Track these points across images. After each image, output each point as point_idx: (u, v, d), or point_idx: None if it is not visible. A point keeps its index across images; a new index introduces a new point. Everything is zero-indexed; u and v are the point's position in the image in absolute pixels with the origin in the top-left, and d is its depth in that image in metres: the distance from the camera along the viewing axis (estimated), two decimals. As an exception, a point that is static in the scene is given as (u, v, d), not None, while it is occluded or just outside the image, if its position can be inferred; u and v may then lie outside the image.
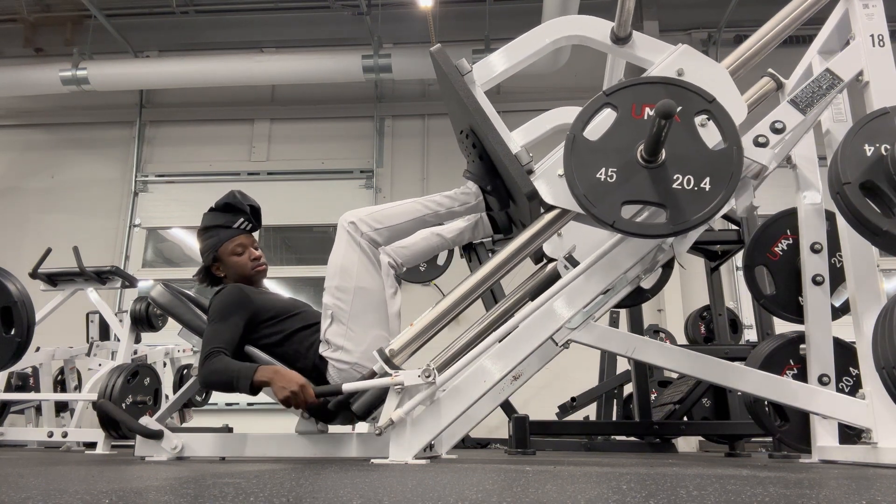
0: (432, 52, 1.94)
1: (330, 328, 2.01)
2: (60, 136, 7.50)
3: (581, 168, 1.65)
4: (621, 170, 1.64)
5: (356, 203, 6.94)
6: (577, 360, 3.86)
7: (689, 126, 1.65)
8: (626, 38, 1.94)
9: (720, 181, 1.61)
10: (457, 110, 2.05)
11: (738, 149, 1.62)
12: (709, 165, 1.62)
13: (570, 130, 1.69)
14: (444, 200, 2.05)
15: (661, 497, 0.85)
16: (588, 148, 1.66)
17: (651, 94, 1.67)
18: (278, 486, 0.98)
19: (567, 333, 1.90)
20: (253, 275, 2.28)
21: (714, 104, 1.65)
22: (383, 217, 2.03)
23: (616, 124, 1.67)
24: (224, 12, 7.40)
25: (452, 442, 2.47)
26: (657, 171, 1.62)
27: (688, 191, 1.61)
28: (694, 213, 1.60)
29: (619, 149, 1.65)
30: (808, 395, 1.93)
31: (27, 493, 0.87)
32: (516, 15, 6.73)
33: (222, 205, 2.30)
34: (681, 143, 1.63)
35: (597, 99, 1.70)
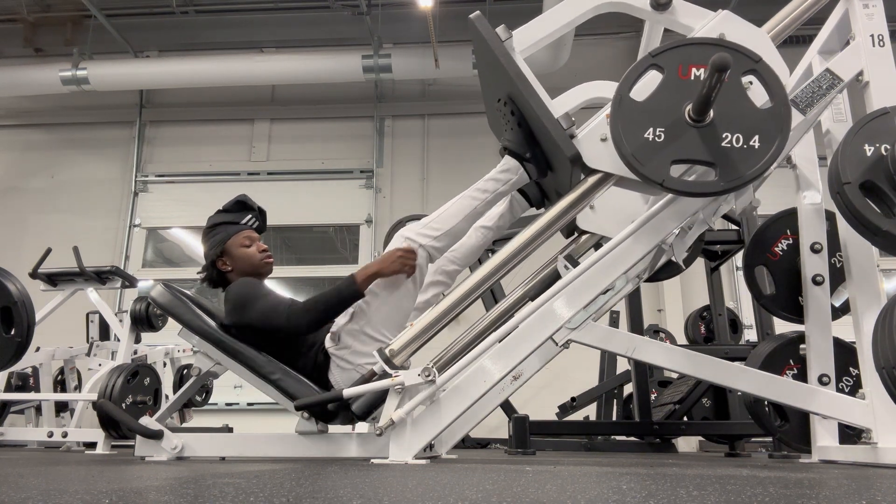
0: (472, 19, 1.95)
1: (347, 324, 2.00)
2: (60, 136, 7.49)
3: (628, 128, 1.66)
4: (669, 129, 1.65)
5: (356, 203, 6.94)
6: (577, 360, 3.86)
7: (737, 85, 1.65)
8: (667, 3, 1.94)
9: (770, 138, 1.62)
10: (492, 79, 2.05)
11: (785, 107, 1.64)
12: (757, 123, 1.63)
13: (617, 91, 1.69)
14: (488, 185, 2.05)
15: (661, 497, 0.85)
16: (635, 108, 1.68)
17: (697, 55, 1.68)
18: (278, 486, 0.98)
19: (567, 333, 1.90)
20: (261, 266, 2.28)
21: (760, 64, 1.66)
22: (439, 223, 2.02)
23: (663, 85, 1.68)
24: (224, 12, 7.39)
25: (452, 442, 2.47)
26: (706, 130, 1.64)
27: (737, 149, 1.63)
28: (746, 169, 1.62)
29: (667, 109, 1.66)
30: (808, 395, 1.93)
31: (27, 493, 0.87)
32: (516, 15, 6.70)
33: (232, 203, 2.33)
34: (728, 103, 1.64)
35: (643, 60, 1.71)
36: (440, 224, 2.02)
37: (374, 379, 1.81)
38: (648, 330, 4.96)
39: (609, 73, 2.25)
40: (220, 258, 2.25)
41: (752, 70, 1.67)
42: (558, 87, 1.97)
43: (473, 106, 6.68)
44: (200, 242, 2.34)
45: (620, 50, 6.86)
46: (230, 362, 2.13)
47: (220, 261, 2.26)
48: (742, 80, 1.67)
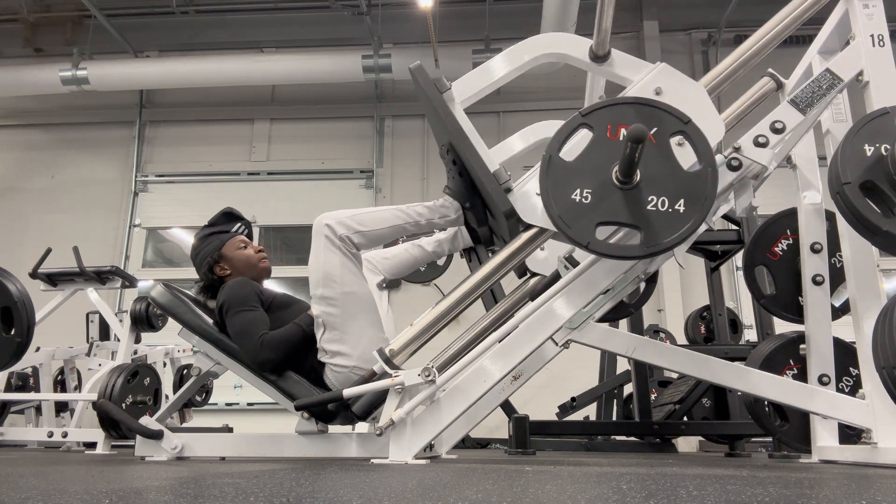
0: (411, 70, 1.94)
1: (324, 336, 2.00)
2: (60, 136, 7.49)
3: (557, 188, 1.64)
4: (596, 191, 1.62)
5: (356, 203, 6.94)
6: (577, 360, 3.86)
7: (664, 147, 1.63)
8: (605, 56, 1.94)
9: (695, 203, 1.59)
10: (437, 126, 2.05)
11: (712, 170, 1.60)
12: (683, 187, 1.60)
13: (546, 151, 1.67)
14: (424, 211, 2.04)
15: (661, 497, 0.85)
16: (564, 168, 1.65)
17: (626, 115, 1.65)
18: (278, 486, 0.98)
19: (567, 333, 1.90)
20: (259, 266, 2.30)
21: (689, 125, 1.64)
22: (363, 220, 2.01)
23: (592, 145, 1.66)
24: (224, 12, 7.40)
25: (452, 442, 2.47)
26: (632, 193, 1.61)
27: (662, 212, 1.59)
28: (667, 235, 1.58)
29: (595, 169, 1.63)
30: (808, 395, 1.93)
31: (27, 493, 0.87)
32: (516, 15, 6.73)
33: (219, 215, 2.36)
34: (656, 165, 1.61)
35: (573, 119, 1.68)
36: (364, 221, 2.01)
37: (374, 379, 1.81)
38: (648, 330, 4.95)
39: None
40: (218, 264, 2.27)
41: (681, 131, 1.64)
42: (557, 86, 1.99)
43: (473, 106, 6.68)
44: (190, 259, 2.35)
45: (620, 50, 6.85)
46: (230, 362, 2.13)
47: (218, 266, 2.27)
48: (671, 140, 1.64)
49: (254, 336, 2.02)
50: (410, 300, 6.16)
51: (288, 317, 2.14)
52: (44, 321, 3.39)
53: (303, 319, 2.08)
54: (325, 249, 1.98)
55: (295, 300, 2.30)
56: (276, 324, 2.10)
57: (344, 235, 1.97)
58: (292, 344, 2.03)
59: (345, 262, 1.97)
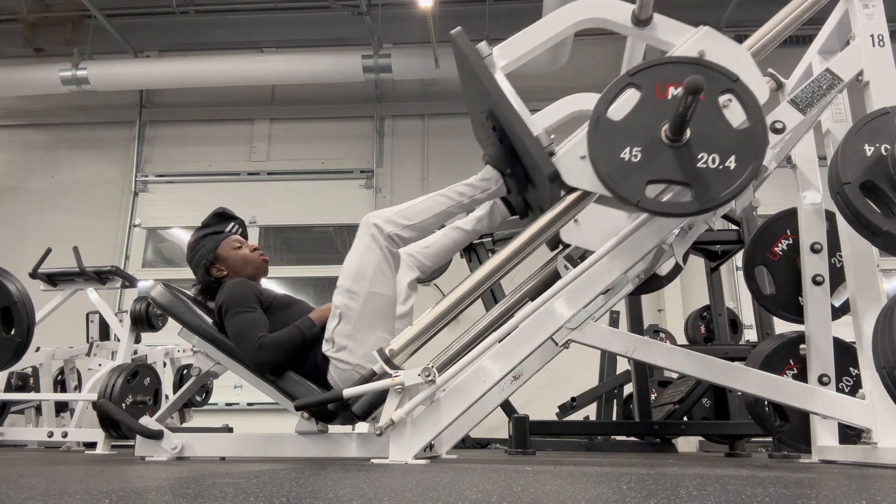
0: (453, 35, 1.93)
1: (337, 327, 2.00)
2: (60, 136, 7.49)
3: (605, 148, 1.66)
4: (646, 149, 1.64)
5: (356, 203, 6.94)
6: (577, 360, 3.86)
7: (713, 105, 1.65)
8: (647, 20, 1.92)
9: (745, 159, 1.61)
10: (475, 94, 2.04)
11: (762, 127, 1.63)
12: (734, 144, 1.62)
13: (594, 110, 1.69)
14: (465, 189, 2.03)
15: (661, 497, 0.85)
16: (612, 128, 1.67)
17: (675, 74, 1.68)
18: (278, 486, 0.98)
19: (567, 333, 1.90)
20: (257, 264, 2.29)
21: (738, 83, 1.66)
22: (410, 214, 2.01)
23: (640, 104, 1.68)
24: (224, 12, 7.39)
25: (452, 442, 2.47)
26: (682, 150, 1.63)
27: (713, 169, 1.62)
28: (720, 190, 1.61)
29: (643, 128, 1.65)
30: (808, 395, 1.93)
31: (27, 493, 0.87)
32: (516, 15, 6.72)
33: (212, 216, 2.36)
34: (705, 122, 1.64)
35: (620, 79, 1.70)
36: (410, 215, 2.01)
37: (374, 379, 1.81)
38: (648, 330, 4.95)
39: (609, 72, 2.26)
40: (214, 265, 2.27)
41: (730, 89, 1.66)
42: (558, 87, 1.98)
43: (473, 106, 6.69)
44: (186, 261, 2.35)
45: (621, 50, 6.82)
46: (230, 362, 2.13)
47: (215, 267, 2.27)
48: (719, 99, 1.66)
49: (252, 338, 2.02)
50: (410, 300, 6.16)
51: (288, 317, 2.13)
52: (44, 321, 3.39)
53: (303, 322, 2.08)
54: (367, 247, 1.99)
55: (295, 300, 2.30)
56: (275, 325, 2.10)
57: (392, 233, 1.98)
58: (291, 347, 2.04)
59: (381, 263, 1.98)
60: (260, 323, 2.07)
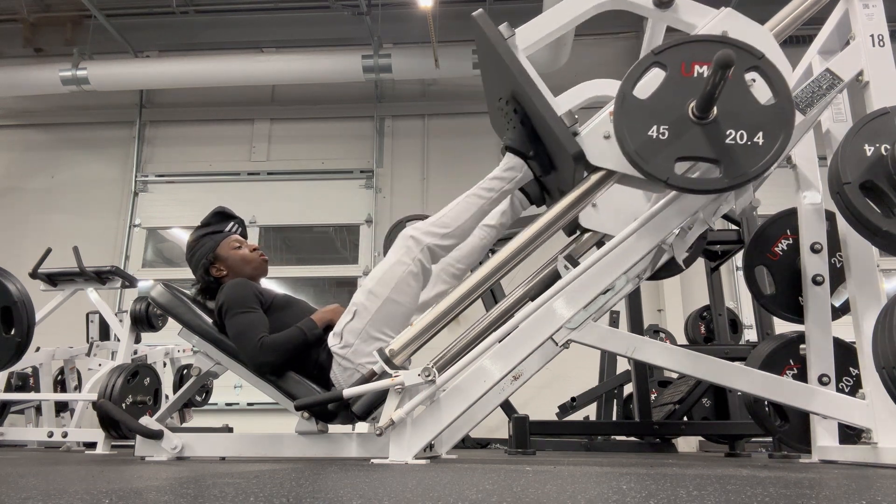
0: (475, 17, 1.95)
1: (349, 323, 2.00)
2: (60, 136, 7.49)
3: (632, 125, 1.66)
4: (673, 126, 1.65)
5: (356, 203, 6.94)
6: (577, 360, 3.86)
7: (740, 82, 1.66)
8: (670, 1, 1.93)
9: (773, 135, 1.62)
10: (495, 77, 2.05)
11: (789, 103, 1.64)
12: (761, 120, 1.63)
13: (620, 89, 1.69)
14: (493, 183, 2.04)
15: (661, 497, 0.85)
16: (638, 106, 1.68)
17: (701, 52, 1.68)
18: (278, 486, 0.98)
19: (567, 333, 1.90)
20: (256, 264, 2.29)
21: (763, 60, 1.66)
22: (446, 221, 2.01)
23: (666, 82, 1.68)
24: (224, 12, 7.39)
25: (452, 442, 2.47)
26: (710, 127, 1.64)
27: (741, 145, 1.63)
28: (750, 165, 1.62)
29: (670, 106, 1.66)
30: (808, 395, 1.93)
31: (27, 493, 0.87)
32: (516, 15, 6.70)
33: (211, 215, 2.36)
34: (732, 100, 1.64)
35: (645, 58, 1.71)
36: (447, 222, 2.01)
37: (374, 379, 1.81)
38: (648, 330, 4.96)
39: (609, 72, 2.25)
40: (213, 265, 2.27)
41: (755, 67, 1.67)
42: (559, 86, 1.97)
43: (473, 106, 6.68)
44: (185, 260, 2.35)
45: (621, 50, 6.86)
46: (230, 362, 2.13)
47: (214, 267, 2.27)
48: (745, 77, 1.67)
49: (253, 338, 2.02)
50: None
51: (288, 317, 2.13)
52: (44, 321, 3.39)
53: (305, 324, 2.08)
54: (399, 258, 1.99)
55: (295, 300, 2.30)
56: (275, 325, 2.10)
57: (431, 244, 1.99)
58: (292, 348, 2.03)
59: (408, 276, 1.97)
60: (260, 323, 2.07)
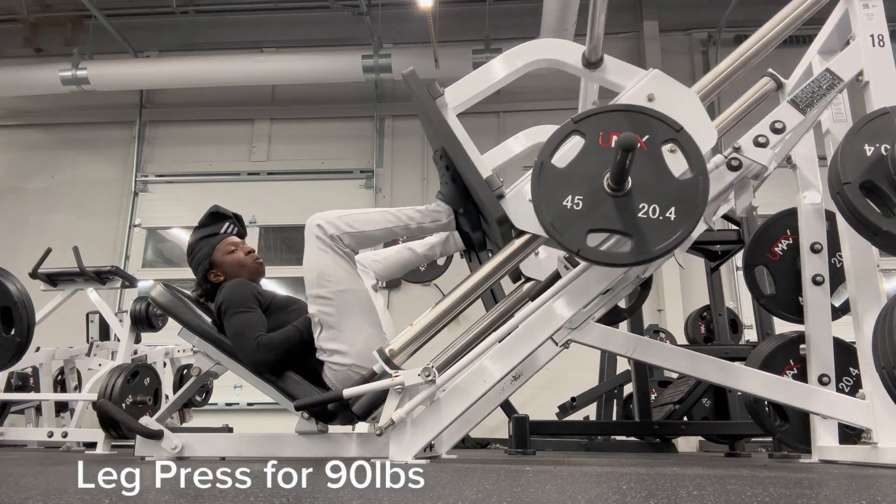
0: (405, 75, 1.93)
1: (321, 336, 2.00)
2: (60, 136, 7.49)
3: (548, 195, 1.63)
4: (588, 197, 1.62)
5: (356, 203, 6.93)
6: (577, 360, 3.86)
7: (656, 154, 1.63)
8: (598, 62, 1.94)
9: (686, 211, 1.58)
10: (431, 131, 2.05)
11: (704, 178, 1.60)
12: (675, 195, 1.60)
13: (538, 157, 1.67)
14: (415, 215, 2.03)
15: (661, 497, 0.85)
16: (555, 175, 1.65)
17: (618, 123, 1.65)
18: (278, 486, 0.98)
19: (567, 333, 1.90)
20: (252, 268, 2.29)
21: (681, 133, 1.63)
22: (354, 221, 2.00)
23: (583, 152, 1.66)
24: (224, 12, 7.39)
25: (452, 442, 2.47)
26: (623, 200, 1.61)
27: (653, 220, 1.59)
28: (658, 243, 1.58)
29: (586, 176, 1.63)
30: (808, 395, 1.93)
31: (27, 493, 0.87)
32: (516, 15, 6.73)
33: (206, 216, 2.36)
34: (647, 172, 1.61)
35: (565, 126, 1.68)
36: (354, 222, 2.00)
37: (374, 379, 1.81)
38: (648, 330, 4.95)
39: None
40: (211, 270, 2.28)
41: (673, 139, 1.64)
42: (558, 86, 1.99)
43: (473, 106, 6.68)
44: (188, 264, 2.35)
45: (620, 50, 6.86)
46: (230, 362, 2.13)
47: (212, 273, 2.28)
48: (663, 148, 1.64)
49: (250, 338, 2.02)
50: (410, 300, 6.16)
51: (287, 318, 2.13)
52: (44, 321, 3.39)
53: (302, 323, 2.08)
54: (317, 249, 1.98)
55: (295, 301, 2.30)
56: (274, 325, 2.10)
57: (335, 234, 1.98)
58: (289, 347, 2.03)
59: (337, 260, 1.97)
60: (258, 323, 2.07)
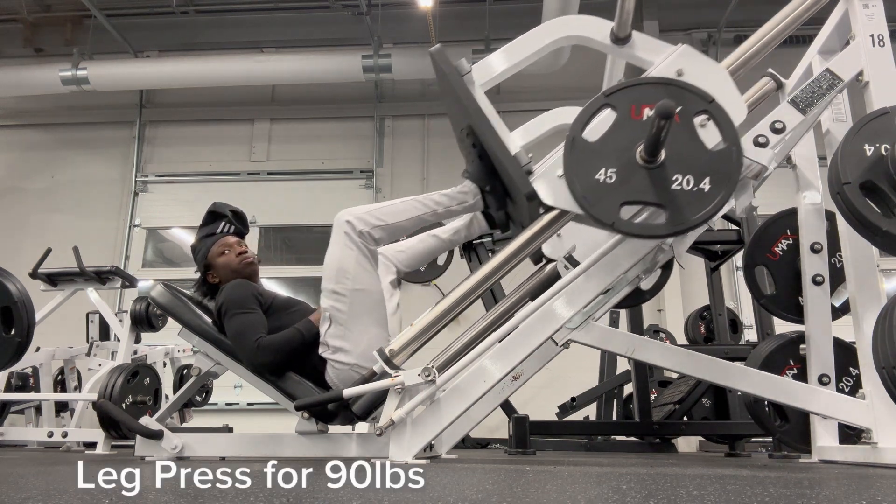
0: (432, 53, 1.93)
1: (329, 331, 2.00)
2: (60, 136, 7.49)
3: (580, 169, 1.65)
4: (621, 170, 1.63)
5: (356, 203, 6.91)
6: (577, 360, 3.85)
7: (689, 126, 1.64)
8: (626, 38, 1.92)
9: (720, 182, 1.60)
10: (456, 110, 2.04)
11: (737, 149, 1.62)
12: (708, 166, 1.61)
13: (570, 132, 1.68)
14: (442, 199, 2.03)
15: (661, 497, 0.85)
16: (587, 149, 1.66)
17: (650, 95, 1.66)
18: (278, 486, 0.98)
19: (567, 333, 1.90)
20: (241, 269, 2.28)
21: (713, 104, 1.65)
22: (382, 214, 2.01)
23: (615, 125, 1.67)
24: (224, 12, 7.39)
25: (452, 442, 2.47)
26: (656, 172, 1.62)
27: (687, 191, 1.60)
28: (693, 213, 1.60)
29: (619, 149, 1.64)
30: (808, 395, 1.93)
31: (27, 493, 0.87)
32: (516, 15, 6.72)
33: (206, 215, 2.36)
34: (680, 144, 1.62)
35: (596, 100, 1.69)
36: (383, 216, 2.00)
37: (374, 379, 1.81)
38: (648, 330, 4.95)
39: (609, 73, 2.26)
40: (208, 272, 2.30)
41: (705, 111, 1.64)
42: (558, 86, 1.98)
43: (473, 106, 6.68)
44: None
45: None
46: (230, 362, 2.13)
47: (209, 275, 2.30)
48: (695, 120, 1.64)
49: (251, 339, 2.02)
50: (410, 300, 6.15)
51: (288, 319, 2.13)
52: (44, 321, 3.39)
53: (303, 325, 2.07)
54: (342, 245, 1.99)
55: (296, 302, 2.30)
56: (275, 326, 2.10)
57: (364, 231, 1.98)
58: (290, 349, 2.03)
59: (360, 259, 1.98)
60: (259, 324, 2.07)
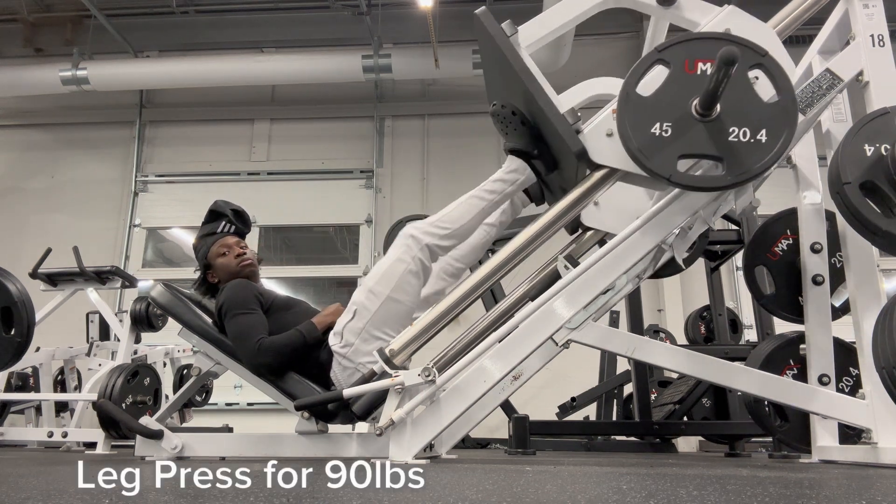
0: (477, 14, 1.95)
1: (350, 323, 2.00)
2: (60, 136, 7.49)
3: (635, 123, 1.66)
4: (676, 124, 1.65)
5: (356, 203, 6.94)
6: (577, 360, 3.85)
7: (743, 80, 1.66)
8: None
9: (777, 132, 1.62)
10: (497, 77, 2.05)
11: (792, 100, 1.64)
12: (764, 117, 1.64)
13: (623, 87, 1.70)
14: (496, 186, 2.05)
15: (661, 497, 0.85)
16: (641, 103, 1.68)
17: (704, 50, 1.68)
18: (278, 486, 0.98)
19: (567, 333, 1.90)
20: (240, 270, 2.28)
21: (767, 58, 1.66)
22: (446, 222, 2.01)
23: (669, 79, 1.68)
24: (224, 12, 7.39)
25: (452, 442, 2.47)
26: (713, 125, 1.64)
27: (744, 143, 1.63)
28: (753, 163, 1.62)
29: (673, 104, 1.66)
30: (808, 395, 1.93)
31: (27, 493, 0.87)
32: (516, 15, 6.70)
33: (208, 214, 2.36)
34: (735, 97, 1.64)
35: (649, 55, 1.71)
36: (447, 224, 2.01)
37: (374, 379, 1.81)
38: (648, 330, 4.95)
39: (609, 72, 2.25)
40: (208, 272, 2.30)
41: (759, 64, 1.66)
42: (559, 86, 1.97)
43: (473, 106, 6.67)
44: None
45: (621, 50, 6.86)
46: (230, 362, 2.13)
47: (209, 274, 2.31)
48: (748, 74, 1.67)
49: (251, 340, 2.02)
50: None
51: (288, 319, 2.13)
52: (44, 321, 3.39)
53: (306, 327, 2.08)
54: (397, 256, 1.99)
55: (297, 302, 2.30)
56: (276, 326, 2.10)
57: (431, 244, 1.99)
58: (291, 350, 2.03)
59: (408, 275, 1.98)
60: (260, 325, 2.07)
